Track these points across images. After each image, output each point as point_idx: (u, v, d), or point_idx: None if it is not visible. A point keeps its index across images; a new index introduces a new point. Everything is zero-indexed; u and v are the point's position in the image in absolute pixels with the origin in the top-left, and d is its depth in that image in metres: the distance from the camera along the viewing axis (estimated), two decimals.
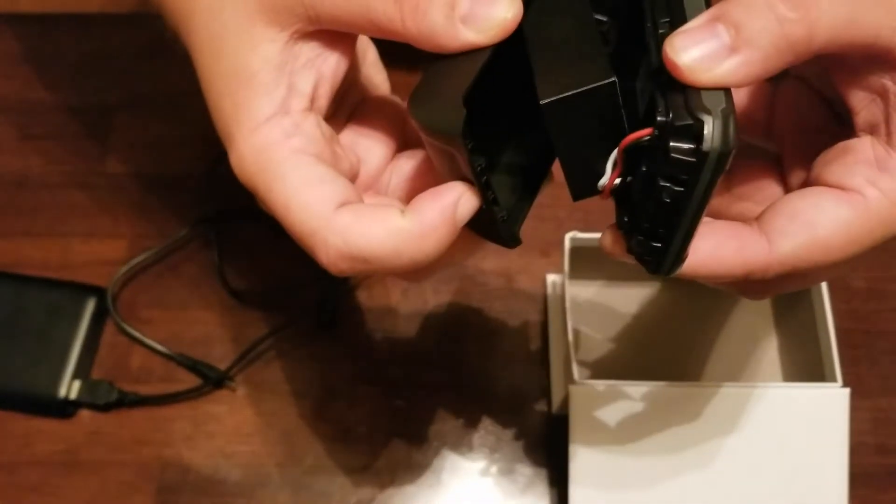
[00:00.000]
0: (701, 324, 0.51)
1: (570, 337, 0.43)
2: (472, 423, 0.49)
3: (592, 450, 0.42)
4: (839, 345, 0.43)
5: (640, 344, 0.51)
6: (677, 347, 0.50)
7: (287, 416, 0.50)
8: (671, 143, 0.24)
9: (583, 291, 0.51)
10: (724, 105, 0.24)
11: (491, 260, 0.54)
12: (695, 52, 0.24)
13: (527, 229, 0.57)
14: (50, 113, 0.58)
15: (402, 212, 0.28)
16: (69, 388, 0.49)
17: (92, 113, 0.58)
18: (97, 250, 0.54)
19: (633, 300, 0.52)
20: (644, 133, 0.25)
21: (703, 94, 0.24)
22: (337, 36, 0.29)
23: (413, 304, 0.53)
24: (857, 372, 0.50)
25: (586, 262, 0.48)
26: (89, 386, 0.49)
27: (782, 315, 0.50)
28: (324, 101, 0.30)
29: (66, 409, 0.49)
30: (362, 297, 0.53)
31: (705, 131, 0.23)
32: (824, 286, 0.44)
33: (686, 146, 0.24)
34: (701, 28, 0.24)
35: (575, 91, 0.25)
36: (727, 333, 0.51)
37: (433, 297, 0.53)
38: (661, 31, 0.26)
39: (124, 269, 0.52)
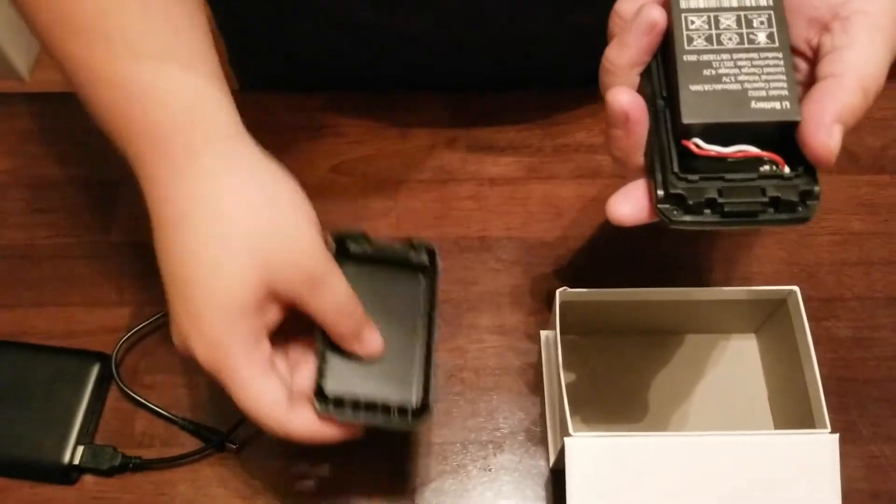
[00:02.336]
0: (692, 374, 0.52)
1: (564, 391, 0.44)
2: (470, 479, 0.50)
3: (590, 502, 0.43)
4: (829, 393, 0.44)
5: (633, 395, 0.52)
6: (670, 397, 0.51)
7: (289, 476, 0.50)
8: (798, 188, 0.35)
9: (575, 345, 0.53)
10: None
11: (485, 318, 0.55)
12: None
13: (519, 286, 0.58)
14: (56, 187, 0.60)
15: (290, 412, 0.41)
16: (73, 453, 0.49)
17: (97, 186, 0.60)
18: (101, 318, 0.55)
19: (625, 352, 0.53)
20: (776, 159, 0.35)
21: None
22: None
23: None
24: (847, 420, 0.51)
25: (577, 317, 0.49)
26: (93, 451, 0.50)
27: (771, 365, 0.52)
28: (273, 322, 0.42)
29: (69, 475, 0.50)
30: None
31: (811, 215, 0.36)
32: (809, 336, 0.46)
33: (795, 200, 0.35)
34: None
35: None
36: (718, 383, 0.52)
37: None
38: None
39: (127, 335, 0.53)
